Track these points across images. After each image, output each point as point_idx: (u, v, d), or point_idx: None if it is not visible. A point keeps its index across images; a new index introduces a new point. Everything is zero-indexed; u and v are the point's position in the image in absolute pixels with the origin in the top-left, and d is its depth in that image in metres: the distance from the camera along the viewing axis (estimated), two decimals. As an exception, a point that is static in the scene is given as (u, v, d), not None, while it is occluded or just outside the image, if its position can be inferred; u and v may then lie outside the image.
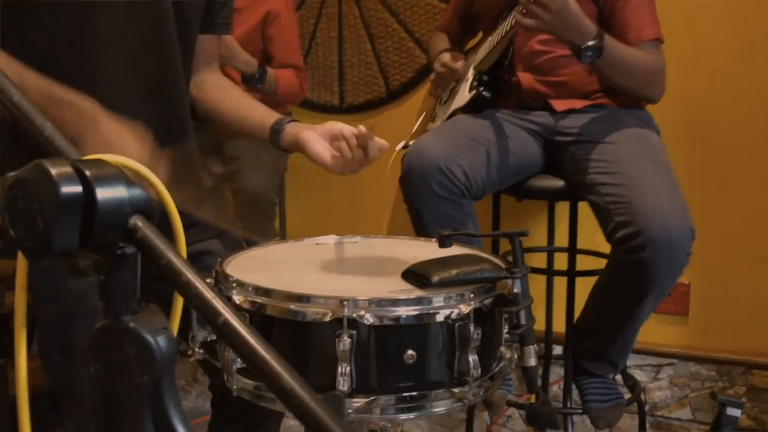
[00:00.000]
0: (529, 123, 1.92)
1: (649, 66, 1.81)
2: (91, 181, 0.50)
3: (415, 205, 1.77)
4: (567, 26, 1.61)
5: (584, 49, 1.64)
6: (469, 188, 1.73)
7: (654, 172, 1.68)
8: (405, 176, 1.75)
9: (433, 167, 1.70)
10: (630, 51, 1.78)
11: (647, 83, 1.83)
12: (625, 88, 1.85)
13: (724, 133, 2.19)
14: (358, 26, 2.63)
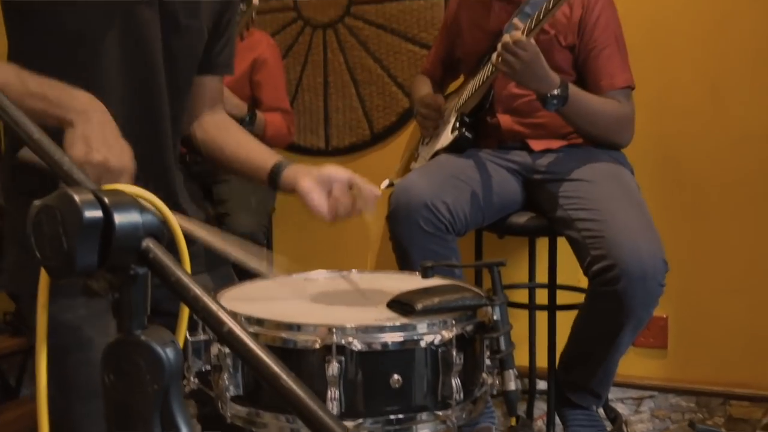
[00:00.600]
0: (509, 162, 2.00)
1: (615, 114, 1.91)
2: (109, 207, 0.56)
3: (402, 242, 1.82)
4: (535, 76, 1.72)
5: (549, 97, 1.74)
6: (453, 224, 1.80)
7: (628, 207, 1.76)
8: (392, 213, 1.82)
9: (420, 204, 1.77)
10: (595, 100, 1.88)
11: (613, 130, 1.93)
12: (591, 134, 1.95)
13: (694, 172, 2.28)
14: (342, 72, 2.73)
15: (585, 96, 1.84)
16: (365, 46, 2.68)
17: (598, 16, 1.95)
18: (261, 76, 2.49)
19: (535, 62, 1.69)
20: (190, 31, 1.39)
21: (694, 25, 2.25)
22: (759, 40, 2.18)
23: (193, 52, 1.42)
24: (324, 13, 2.73)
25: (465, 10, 2.19)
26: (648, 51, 2.26)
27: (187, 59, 1.41)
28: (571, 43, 1.96)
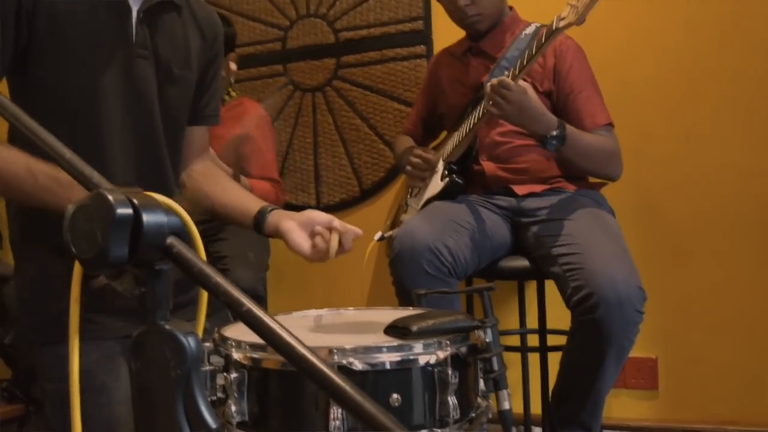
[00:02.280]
0: (496, 207, 2.08)
1: (606, 148, 2.01)
2: (138, 207, 0.62)
3: (406, 285, 1.86)
4: (529, 116, 1.81)
5: (549, 138, 1.84)
6: (455, 267, 1.86)
7: (605, 239, 1.84)
8: (397, 257, 1.87)
9: (424, 247, 1.83)
10: (588, 136, 1.98)
11: (607, 163, 2.02)
12: (587, 170, 2.04)
13: (673, 215, 2.37)
14: (331, 132, 2.83)
15: (580, 133, 1.93)
16: (353, 107, 2.79)
17: (571, 63, 2.07)
18: (247, 149, 2.54)
19: (525, 101, 1.78)
20: (182, 80, 1.49)
21: (666, 78, 2.37)
22: (729, 88, 2.30)
23: (185, 99, 1.52)
24: (312, 77, 2.86)
25: (444, 68, 2.31)
26: (623, 103, 2.36)
27: (181, 106, 1.51)
28: (547, 89, 2.07)
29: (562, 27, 1.68)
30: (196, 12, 1.56)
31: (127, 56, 1.39)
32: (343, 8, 2.81)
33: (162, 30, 1.45)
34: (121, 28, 1.39)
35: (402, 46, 2.72)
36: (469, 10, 2.08)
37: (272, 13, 2.93)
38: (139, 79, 1.41)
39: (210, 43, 1.58)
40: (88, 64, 1.36)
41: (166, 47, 1.45)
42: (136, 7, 1.41)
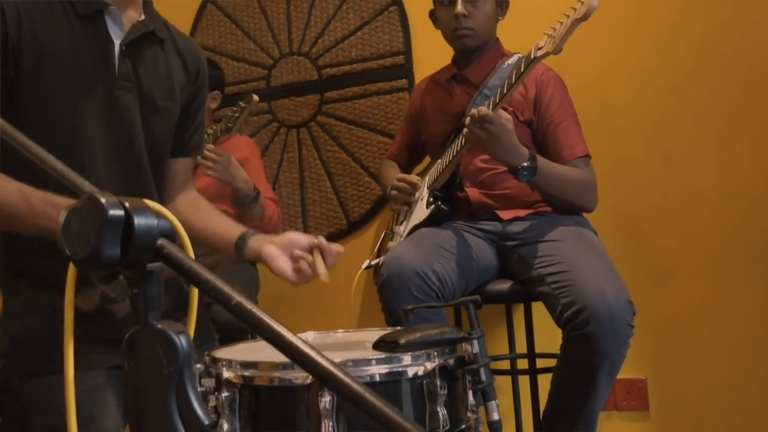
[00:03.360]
0: (481, 231, 2.11)
1: (580, 180, 2.05)
2: (129, 210, 0.65)
3: (394, 311, 1.86)
4: (504, 147, 1.86)
5: (520, 169, 1.88)
6: (443, 291, 1.88)
7: (591, 257, 1.87)
8: (385, 282, 1.89)
9: (412, 272, 1.85)
10: (561, 168, 2.02)
11: (580, 195, 2.06)
12: (560, 200, 2.08)
13: (654, 236, 2.41)
14: (317, 167, 2.87)
15: (552, 165, 1.98)
16: (337, 141, 2.84)
17: (552, 94, 2.12)
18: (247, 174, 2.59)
19: (503, 133, 1.83)
20: (166, 111, 1.52)
21: (642, 103, 2.43)
22: (704, 110, 2.36)
23: (169, 129, 1.55)
24: (297, 113, 2.91)
25: (428, 96, 2.36)
26: (601, 128, 2.42)
27: (164, 137, 1.54)
28: (528, 118, 2.12)
29: (540, 56, 1.73)
30: (180, 45, 1.60)
31: (110, 88, 1.42)
32: (326, 45, 2.87)
33: (145, 62, 1.48)
34: (104, 61, 1.42)
35: (384, 81, 2.78)
36: (465, 21, 2.13)
37: (256, 53, 2.99)
38: (122, 111, 1.44)
39: (193, 75, 1.62)
40: (71, 96, 1.38)
41: (149, 79, 1.48)
42: (119, 41, 1.44)
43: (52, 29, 1.37)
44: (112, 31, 1.44)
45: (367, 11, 2.82)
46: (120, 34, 1.45)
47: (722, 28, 2.35)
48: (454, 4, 2.14)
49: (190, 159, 1.70)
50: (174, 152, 1.62)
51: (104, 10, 1.43)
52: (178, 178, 1.64)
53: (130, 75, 1.45)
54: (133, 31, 1.47)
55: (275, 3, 2.97)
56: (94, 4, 1.43)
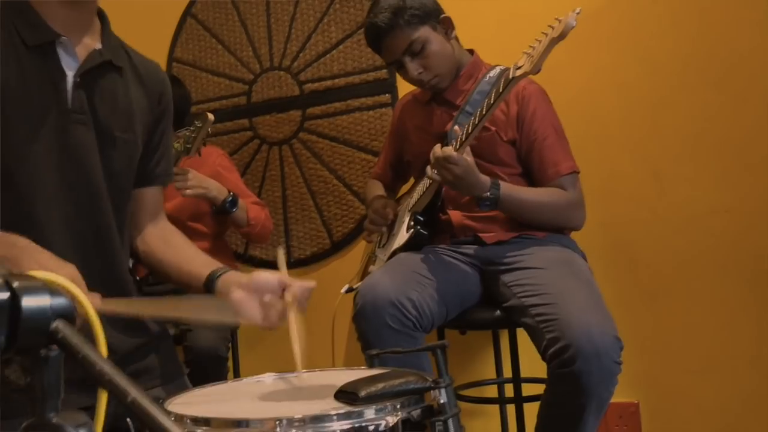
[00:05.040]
0: (464, 255, 2.03)
1: (560, 201, 1.97)
2: (17, 290, 0.57)
3: (370, 341, 1.80)
4: (467, 185, 1.82)
5: (481, 200, 1.83)
6: (420, 321, 1.80)
7: (577, 287, 1.79)
8: (359, 312, 1.82)
9: (386, 301, 1.78)
10: (532, 193, 1.96)
11: (562, 216, 1.99)
12: (538, 223, 2.00)
13: (646, 255, 2.33)
14: (299, 185, 2.80)
15: (520, 192, 1.92)
16: (320, 159, 2.76)
17: (534, 110, 2.04)
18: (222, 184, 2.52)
19: (468, 174, 1.78)
20: (125, 143, 1.44)
21: (630, 115, 2.36)
22: (694, 124, 2.29)
23: (130, 162, 1.47)
24: (279, 130, 2.83)
25: (409, 115, 2.29)
26: (588, 142, 2.35)
27: (125, 169, 1.46)
28: (511, 138, 2.04)
29: (518, 76, 1.65)
30: (140, 70, 1.52)
31: (63, 122, 1.35)
32: (307, 60, 2.80)
33: (101, 93, 1.41)
34: (56, 94, 1.35)
35: (367, 96, 2.71)
36: (424, 76, 2.07)
37: (236, 68, 2.92)
38: (76, 146, 1.36)
39: (156, 100, 1.54)
40: (20, 133, 1.31)
41: (106, 110, 1.41)
42: (72, 72, 1.37)
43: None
44: (64, 62, 1.37)
45: (348, 24, 2.75)
46: (74, 65, 1.38)
47: (712, 39, 2.27)
48: (405, 69, 2.07)
49: (157, 187, 1.61)
50: (140, 182, 1.54)
51: (56, 41, 1.37)
52: (146, 207, 1.56)
53: (85, 107, 1.38)
54: (88, 62, 1.40)
55: (255, 16, 2.90)
56: (44, 35, 1.36)
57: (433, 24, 2.08)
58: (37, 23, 1.36)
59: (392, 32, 2.05)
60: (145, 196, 1.56)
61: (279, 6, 2.86)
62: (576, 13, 1.54)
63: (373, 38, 2.11)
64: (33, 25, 1.36)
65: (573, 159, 2.04)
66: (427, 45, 2.05)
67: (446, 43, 2.10)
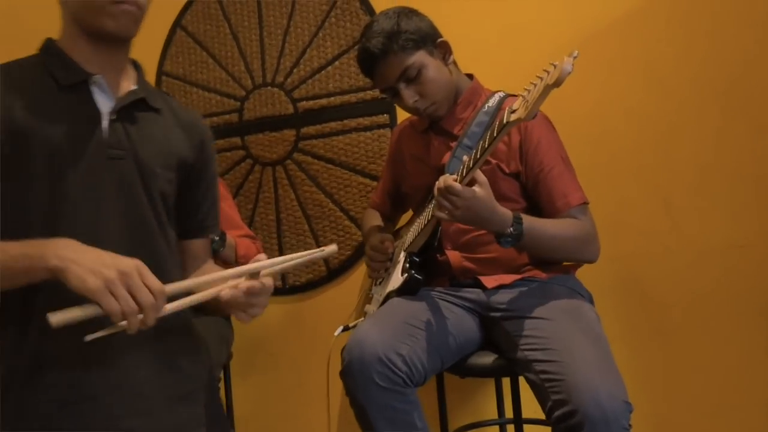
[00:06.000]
0: (463, 300, 1.92)
1: (576, 234, 1.85)
2: None
3: (358, 399, 1.71)
4: (482, 218, 1.67)
5: (504, 236, 1.69)
6: (411, 376, 1.70)
7: (586, 345, 1.67)
8: (346, 369, 1.72)
9: (373, 358, 1.67)
10: (553, 227, 1.82)
11: (577, 249, 1.86)
12: (554, 259, 1.89)
13: (657, 289, 2.22)
14: (294, 209, 2.68)
15: (542, 225, 1.78)
16: (315, 181, 2.65)
17: (538, 138, 1.91)
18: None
19: (475, 206, 1.64)
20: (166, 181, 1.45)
21: (640, 142, 2.23)
22: (708, 153, 2.16)
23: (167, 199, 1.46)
24: (272, 150, 2.71)
25: (407, 143, 2.17)
26: (596, 171, 2.23)
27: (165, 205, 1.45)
28: (514, 170, 1.92)
29: (513, 122, 1.53)
30: (179, 115, 1.53)
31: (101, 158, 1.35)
32: (301, 76, 2.67)
33: (139, 130, 1.41)
34: (92, 131, 1.35)
35: (364, 116, 2.58)
36: (420, 104, 1.95)
37: (227, 83, 2.80)
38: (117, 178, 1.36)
39: (198, 147, 1.53)
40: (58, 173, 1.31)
41: (144, 146, 1.40)
42: (107, 110, 1.38)
43: (31, 105, 1.32)
44: (99, 100, 1.38)
45: (345, 39, 2.62)
46: (109, 103, 1.39)
47: (729, 64, 2.14)
48: (399, 96, 1.95)
49: (206, 239, 1.62)
50: (188, 233, 1.56)
51: (89, 80, 1.38)
52: (195, 258, 1.58)
53: (123, 142, 1.38)
54: (124, 99, 1.41)
55: (248, 29, 2.77)
56: (77, 75, 1.38)
57: (429, 49, 1.95)
58: (70, 65, 1.39)
59: (386, 58, 1.92)
60: (191, 247, 1.58)
61: (272, 19, 2.72)
62: (573, 57, 1.40)
63: (366, 64, 1.99)
64: (66, 67, 1.38)
65: (581, 189, 1.92)
66: (423, 71, 1.93)
67: (443, 68, 1.97)
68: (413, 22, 1.94)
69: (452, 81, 1.99)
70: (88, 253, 1.16)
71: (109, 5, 1.35)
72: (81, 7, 1.37)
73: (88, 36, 1.39)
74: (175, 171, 1.47)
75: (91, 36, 1.39)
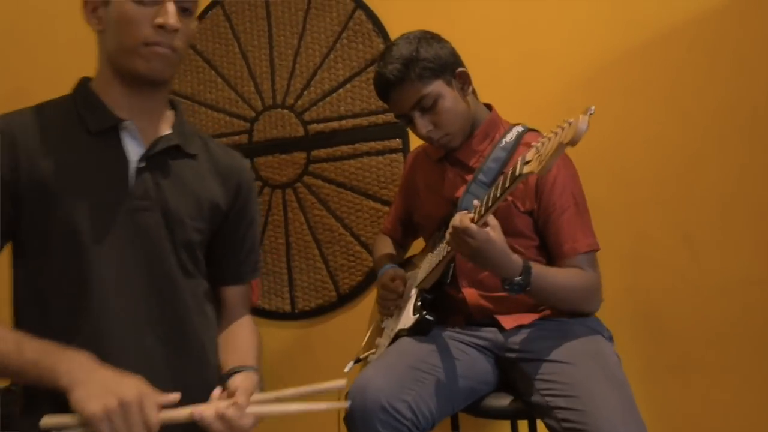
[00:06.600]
0: (478, 339, 1.87)
1: (581, 285, 1.81)
2: None
3: None
4: (493, 262, 1.62)
5: (511, 284, 1.65)
6: (417, 424, 1.65)
7: (608, 390, 1.61)
8: (349, 417, 1.67)
9: (377, 406, 1.62)
10: (559, 277, 1.77)
11: (580, 300, 1.82)
12: (557, 308, 1.84)
13: (677, 324, 2.16)
14: (304, 232, 2.63)
15: (550, 275, 1.73)
16: (326, 205, 2.60)
17: (554, 178, 1.86)
18: None
19: (487, 249, 1.59)
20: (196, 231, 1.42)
21: (661, 173, 2.18)
22: (730, 185, 2.11)
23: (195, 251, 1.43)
24: (282, 172, 2.66)
25: (420, 172, 2.12)
26: (614, 201, 2.18)
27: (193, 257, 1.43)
28: (529, 208, 1.87)
29: (525, 174, 1.47)
30: (217, 159, 1.49)
31: (126, 210, 1.32)
32: (312, 98, 2.62)
33: (169, 178, 1.38)
34: (118, 180, 1.32)
35: (376, 140, 2.53)
36: (434, 134, 1.89)
37: (237, 104, 2.75)
38: (142, 232, 1.33)
39: (233, 191, 1.50)
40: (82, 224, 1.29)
41: (174, 196, 1.37)
42: (137, 157, 1.34)
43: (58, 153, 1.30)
44: (129, 147, 1.35)
45: (357, 61, 2.56)
46: (139, 150, 1.36)
47: (753, 94, 2.08)
48: (413, 123, 1.90)
49: (243, 287, 1.59)
50: (224, 280, 1.53)
51: (119, 126, 1.35)
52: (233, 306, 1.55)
53: (150, 193, 1.35)
54: (155, 146, 1.37)
55: (257, 49, 2.71)
56: (107, 120, 1.35)
57: (447, 78, 1.89)
58: (101, 109, 1.36)
59: (401, 85, 1.87)
60: (227, 296, 1.55)
61: (282, 39, 2.67)
62: (589, 113, 1.34)
63: (381, 89, 1.93)
64: (97, 111, 1.35)
65: (593, 235, 1.86)
66: (439, 101, 1.87)
67: (461, 99, 1.92)
68: (433, 49, 1.88)
69: (469, 112, 1.93)
70: (97, 373, 1.17)
71: (142, 47, 1.32)
72: (115, 48, 1.34)
73: (121, 78, 1.36)
74: (207, 220, 1.44)
75: (125, 78, 1.36)
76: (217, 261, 1.52)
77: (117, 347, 1.29)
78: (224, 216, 1.49)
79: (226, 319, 1.55)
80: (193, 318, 1.40)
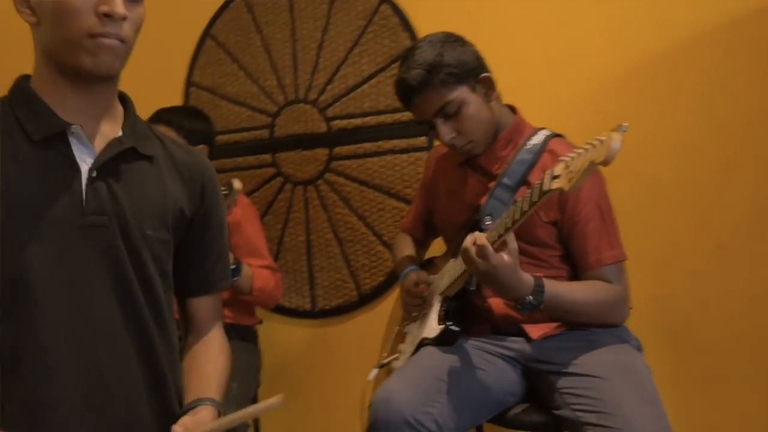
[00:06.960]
0: (505, 349, 1.84)
1: (603, 299, 1.76)
2: None
3: None
4: (500, 287, 1.59)
5: (523, 303, 1.62)
6: None
7: (641, 406, 1.58)
8: (371, 429, 1.64)
9: (400, 420, 1.59)
10: (578, 292, 1.74)
11: (604, 314, 1.78)
12: (579, 323, 1.80)
13: (705, 333, 2.12)
14: (325, 230, 2.60)
15: (564, 292, 1.69)
16: (347, 203, 2.56)
17: (579, 188, 1.81)
18: (237, 239, 2.33)
19: (496, 274, 1.55)
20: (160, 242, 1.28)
21: (694, 180, 2.12)
22: (762, 193, 2.06)
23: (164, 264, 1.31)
24: (303, 169, 2.63)
25: (441, 174, 2.07)
26: (645, 209, 2.14)
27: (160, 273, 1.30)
28: (553, 218, 1.82)
29: (553, 189, 1.42)
30: (176, 158, 1.35)
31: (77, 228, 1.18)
32: (335, 94, 2.58)
33: (126, 187, 1.23)
34: (68, 194, 1.18)
35: (400, 138, 2.48)
36: (457, 141, 1.84)
37: (258, 98, 2.71)
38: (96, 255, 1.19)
39: (198, 193, 1.36)
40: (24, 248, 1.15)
41: (133, 207, 1.23)
42: (87, 166, 1.20)
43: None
44: (78, 155, 1.20)
45: (382, 56, 2.52)
46: (90, 158, 1.21)
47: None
48: (435, 130, 1.85)
49: (213, 296, 1.45)
50: (192, 291, 1.41)
51: (66, 131, 1.20)
52: (203, 320, 1.43)
53: (104, 206, 1.20)
54: (107, 151, 1.22)
55: (280, 42, 2.67)
56: (52, 126, 1.19)
57: (471, 84, 1.84)
58: (45, 113, 1.20)
59: (424, 91, 1.82)
60: (197, 308, 1.42)
61: (305, 32, 2.63)
62: (621, 131, 1.29)
63: (403, 95, 1.88)
64: (39, 116, 1.19)
65: (619, 246, 1.80)
66: (462, 107, 1.82)
67: (484, 105, 1.86)
68: (457, 53, 1.83)
69: (493, 118, 1.88)
70: None
71: (86, 39, 1.16)
72: (54, 42, 1.18)
73: (64, 76, 1.21)
74: (170, 229, 1.30)
75: (67, 76, 1.20)
76: (182, 271, 1.37)
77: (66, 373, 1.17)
78: (189, 221, 1.35)
79: (193, 334, 1.43)
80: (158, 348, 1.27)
